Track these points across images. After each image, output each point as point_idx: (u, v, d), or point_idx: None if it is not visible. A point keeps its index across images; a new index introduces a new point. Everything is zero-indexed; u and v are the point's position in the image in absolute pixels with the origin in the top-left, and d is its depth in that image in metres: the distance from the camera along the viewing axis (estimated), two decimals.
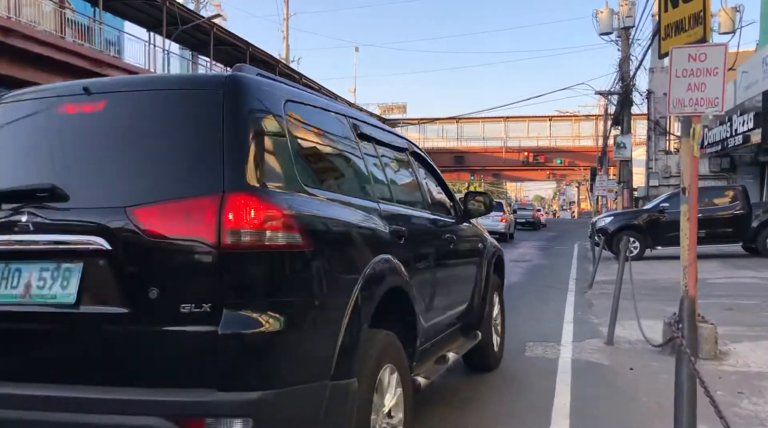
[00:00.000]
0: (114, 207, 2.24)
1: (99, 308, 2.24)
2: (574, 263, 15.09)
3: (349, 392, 2.41)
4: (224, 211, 2.13)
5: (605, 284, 10.80)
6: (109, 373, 2.22)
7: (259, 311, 2.14)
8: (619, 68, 23.95)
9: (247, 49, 29.87)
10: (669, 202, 15.39)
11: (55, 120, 2.55)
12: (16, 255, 2.33)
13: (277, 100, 2.57)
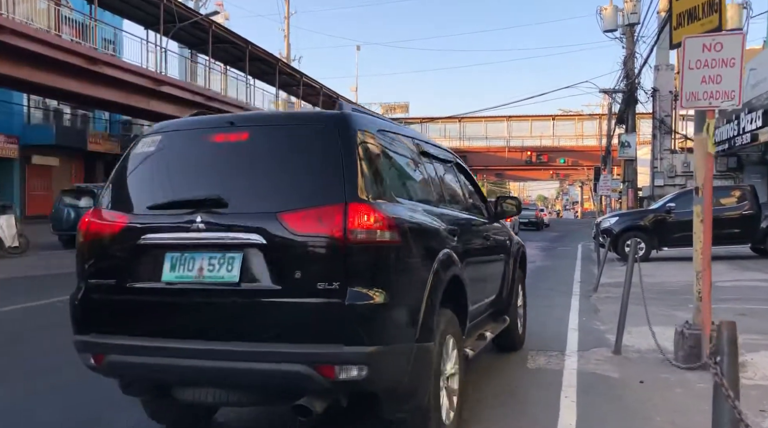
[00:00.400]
0: (266, 212, 3.00)
1: (256, 285, 2.98)
2: (578, 265, 14.72)
3: (428, 352, 3.20)
4: (347, 216, 2.88)
5: (611, 287, 10.44)
6: (264, 333, 2.96)
7: (371, 288, 2.89)
8: (623, 66, 23.56)
9: (246, 47, 29.55)
10: (676, 202, 15.00)
11: (209, 146, 3.31)
12: (191, 248, 3.08)
13: (372, 130, 3.38)
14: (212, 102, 26.37)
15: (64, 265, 14.18)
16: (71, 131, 28.84)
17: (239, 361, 2.94)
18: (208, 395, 3.17)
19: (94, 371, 3.29)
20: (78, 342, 3.24)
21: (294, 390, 2.95)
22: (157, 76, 22.66)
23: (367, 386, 2.96)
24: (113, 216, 3.28)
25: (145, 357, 3.10)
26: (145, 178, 3.43)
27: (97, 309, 3.25)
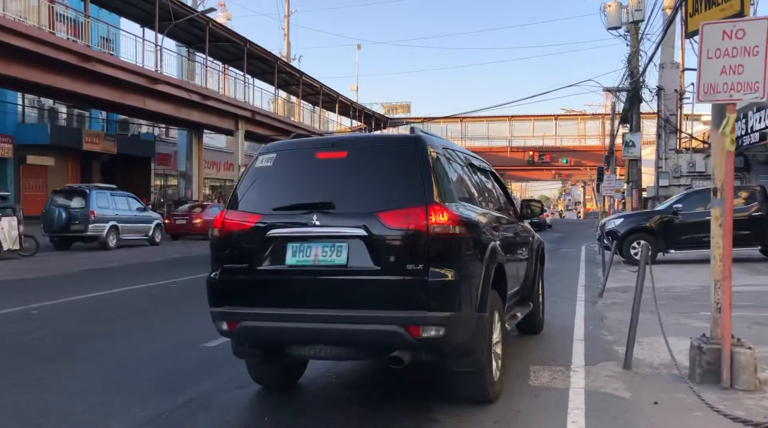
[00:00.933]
0: (367, 212, 3.90)
1: (360, 266, 3.86)
2: (582, 268, 14.25)
3: (484, 320, 4.11)
4: (428, 214, 3.80)
5: (617, 292, 9.98)
6: (366, 302, 3.83)
7: (445, 268, 3.80)
8: (627, 64, 23.07)
9: (244, 45, 29.14)
10: (683, 203, 14.53)
11: (316, 162, 4.25)
12: (308, 239, 3.99)
13: (438, 148, 4.32)
14: (209, 101, 25.96)
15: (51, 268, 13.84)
16: (66, 130, 28.42)
17: (347, 324, 3.89)
18: (321, 351, 4.13)
19: (225, 336, 4.29)
20: (214, 312, 4.18)
21: (388, 345, 3.89)
22: (153, 74, 22.23)
23: (441, 343, 3.85)
24: (244, 216, 4.23)
25: (272, 323, 4.05)
26: (267, 186, 4.34)
27: (231, 286, 4.16)
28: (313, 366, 5.22)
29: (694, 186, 23.43)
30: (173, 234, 24.41)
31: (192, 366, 5.47)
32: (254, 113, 29.77)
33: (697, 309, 8.21)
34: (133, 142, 32.68)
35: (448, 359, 4.06)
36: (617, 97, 24.46)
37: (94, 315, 8.07)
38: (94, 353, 6.02)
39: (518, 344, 6.27)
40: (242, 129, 29.70)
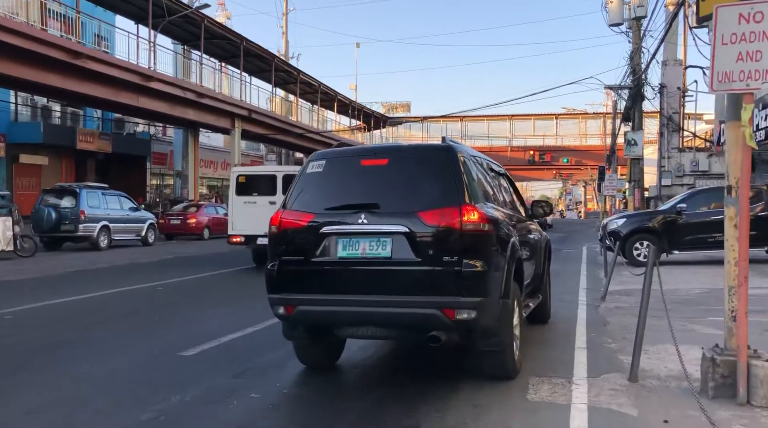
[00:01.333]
0: (408, 211, 4.50)
1: (402, 258, 4.45)
2: (584, 269, 13.85)
3: (508, 305, 4.75)
4: (462, 213, 4.42)
5: (620, 295, 9.59)
6: (408, 289, 4.43)
7: (476, 260, 4.39)
8: (629, 61, 22.64)
9: (241, 43, 28.75)
10: (687, 202, 14.13)
11: (361, 168, 4.87)
12: (357, 235, 4.56)
13: (466, 155, 4.95)
14: (204, 99, 25.56)
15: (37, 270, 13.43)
16: (60, 129, 28.03)
17: (392, 308, 4.42)
18: (368, 331, 4.70)
19: (282, 319, 4.82)
20: (272, 298, 4.73)
21: (427, 326, 4.42)
22: (146, 72, 21.82)
23: (472, 325, 4.38)
24: (299, 215, 4.76)
25: (325, 307, 4.59)
26: (319, 189, 4.89)
27: (288, 276, 4.69)
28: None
29: (698, 185, 23.03)
30: (168, 234, 24.04)
31: (165, 378, 5.08)
32: (251, 111, 29.37)
33: (704, 314, 7.82)
34: (129, 141, 32.28)
35: (477, 339, 4.63)
36: (619, 95, 24.05)
37: (70, 321, 7.68)
38: (63, 362, 5.64)
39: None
40: (239, 127, 29.29)
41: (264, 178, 14.52)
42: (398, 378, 5.19)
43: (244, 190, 14.35)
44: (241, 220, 14.12)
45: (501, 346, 4.68)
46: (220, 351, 6.00)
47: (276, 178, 14.25)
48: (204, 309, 8.61)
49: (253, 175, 15.11)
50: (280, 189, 13.92)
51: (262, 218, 14.38)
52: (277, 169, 15.82)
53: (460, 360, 5.43)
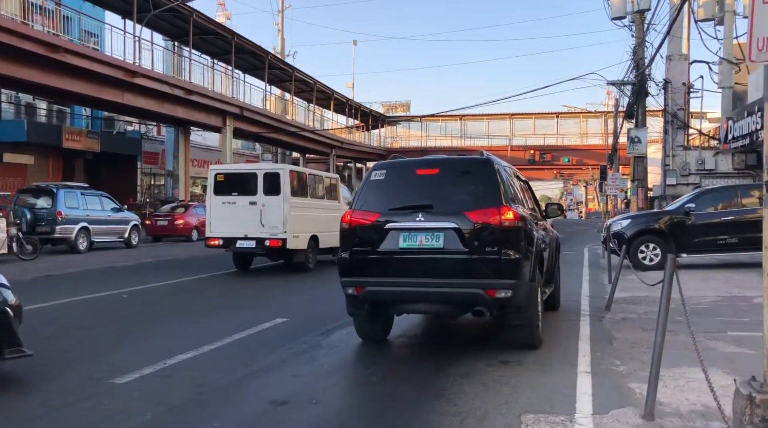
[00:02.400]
0: (457, 211, 5.62)
1: (453, 248, 5.55)
2: (586, 273, 13.00)
3: (535, 287, 5.93)
4: (500, 212, 5.53)
5: (626, 304, 8.74)
6: (457, 273, 5.57)
7: (512, 250, 5.50)
8: (633, 55, 21.80)
9: (232, 38, 27.93)
10: (696, 202, 13.27)
11: (416, 176, 6.04)
12: (415, 230, 5.64)
13: (500, 166, 6.11)
14: (192, 96, 24.74)
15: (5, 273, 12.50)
16: (45, 127, 27.16)
17: (444, 288, 5.59)
18: (423, 307, 5.94)
19: (351, 299, 5.91)
20: (345, 281, 5.83)
21: (473, 302, 5.70)
22: (131, 67, 20.98)
23: (508, 302, 5.54)
24: (367, 214, 5.82)
25: (388, 288, 5.75)
26: (382, 193, 5.94)
27: (358, 263, 5.78)
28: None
29: (704, 184, 22.20)
30: (155, 236, 23.21)
31: (86, 413, 4.24)
32: (242, 109, 28.53)
33: (723, 328, 6.97)
34: (119, 140, 31.44)
35: (510, 314, 5.69)
36: (621, 91, 23.21)
37: None
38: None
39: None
40: (230, 126, 28.46)
41: (244, 176, 13.58)
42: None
43: (223, 189, 13.40)
44: (220, 222, 13.23)
45: (529, 320, 5.76)
46: (161, 377, 5.14)
47: (257, 177, 13.29)
48: (164, 322, 7.77)
49: (233, 173, 14.08)
50: (262, 188, 13.07)
51: (242, 219, 13.14)
52: (258, 166, 14.84)
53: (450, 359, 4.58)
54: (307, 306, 9.17)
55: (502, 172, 5.96)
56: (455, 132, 56.68)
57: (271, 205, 12.81)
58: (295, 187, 13.40)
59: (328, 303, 8.81)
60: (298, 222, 13.06)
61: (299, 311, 8.53)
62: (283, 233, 12.78)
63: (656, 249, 13.28)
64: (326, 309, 8.48)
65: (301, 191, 13.73)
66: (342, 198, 16.72)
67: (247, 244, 12.85)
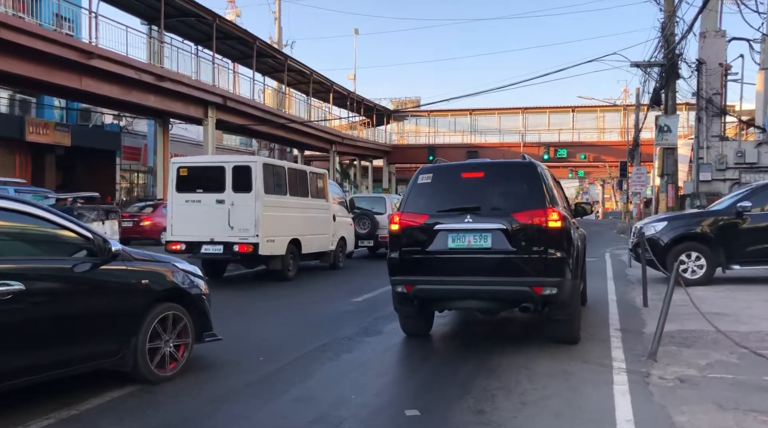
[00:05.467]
0: (504, 213, 5.96)
1: (501, 248, 5.86)
2: (612, 291, 10.23)
3: (577, 284, 6.31)
4: (547, 213, 5.85)
5: (676, 346, 5.99)
6: (506, 272, 5.89)
7: (557, 250, 5.82)
8: (661, 32, 18.93)
9: (213, 21, 25.37)
10: (752, 199, 10.44)
11: (462, 179, 6.38)
12: (463, 231, 5.97)
13: (542, 169, 6.34)
14: (165, 82, 22.18)
15: None
16: (5, 119, 24.74)
17: (493, 286, 5.94)
18: (471, 304, 6.26)
19: (399, 296, 6.29)
20: (395, 279, 6.20)
21: (520, 299, 6.08)
22: (85, 47, 18.45)
23: (554, 299, 5.85)
24: (415, 216, 6.21)
25: (438, 286, 6.13)
26: (429, 195, 6.33)
27: (407, 262, 6.16)
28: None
29: (743, 180, 19.28)
30: (121, 238, 20.68)
31: None
32: (226, 99, 25.92)
33: None
34: (95, 134, 29.00)
35: (554, 310, 6.06)
36: (647, 74, 20.33)
37: None
38: None
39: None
40: (212, 117, 25.88)
41: (210, 170, 11.75)
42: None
43: (187, 185, 11.60)
44: (183, 223, 11.48)
45: (571, 315, 6.11)
46: None
47: (224, 171, 11.40)
48: None
49: (198, 166, 12.13)
50: (230, 184, 11.25)
51: (207, 220, 10.55)
52: (226, 159, 12.61)
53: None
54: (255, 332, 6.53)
55: (544, 174, 6.24)
56: (465, 127, 53.92)
57: (240, 204, 11.17)
58: (271, 183, 11.66)
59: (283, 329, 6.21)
60: (274, 224, 11.54)
61: (236, 343, 5.90)
62: (254, 237, 11.11)
63: (700, 258, 10.49)
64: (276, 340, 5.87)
65: (277, 188, 11.96)
66: (331, 196, 14.43)
67: (214, 249, 11.22)
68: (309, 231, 13.00)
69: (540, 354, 5.92)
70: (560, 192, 7.27)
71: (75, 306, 4.39)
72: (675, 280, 5.83)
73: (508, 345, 6.32)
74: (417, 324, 6.76)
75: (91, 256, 4.54)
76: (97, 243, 4.54)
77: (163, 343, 4.96)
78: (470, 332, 7.42)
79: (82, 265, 4.46)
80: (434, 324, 7.07)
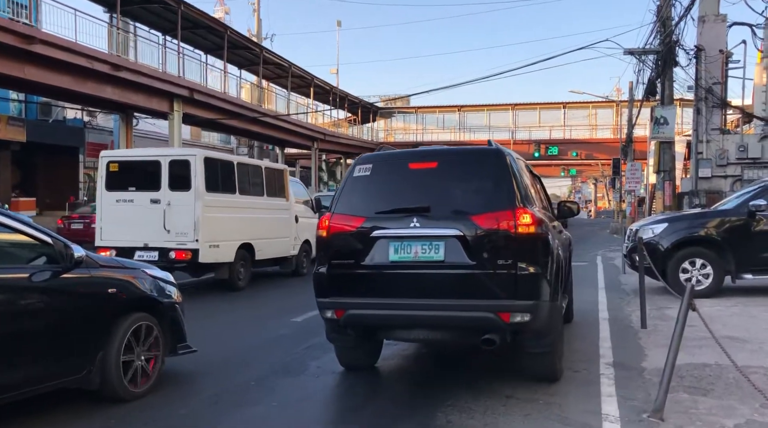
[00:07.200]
0: (461, 215, 4.57)
1: (457, 261, 4.47)
2: (603, 304, 8.66)
3: (557, 307, 4.83)
4: (516, 215, 4.45)
5: (688, 392, 4.43)
6: (462, 292, 4.49)
7: (530, 263, 4.42)
8: (656, 15, 17.43)
9: (178, 7, 23.68)
10: (766, 197, 8.93)
11: (410, 171, 4.90)
12: (409, 238, 4.59)
13: (512, 158, 4.95)
14: (122, 72, 20.48)
15: None
16: None
17: (446, 311, 4.51)
18: (420, 334, 4.84)
19: (330, 323, 4.87)
20: (322, 302, 4.78)
21: (482, 329, 4.50)
22: (25, 31, 16.75)
23: (526, 327, 4.45)
24: (349, 219, 4.77)
25: (377, 311, 4.66)
26: (367, 192, 4.90)
27: (338, 279, 4.74)
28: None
29: (745, 176, 17.81)
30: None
31: None
32: (193, 91, 24.23)
33: None
34: (56, 129, 27.30)
35: (529, 341, 4.65)
36: (642, 62, 18.80)
37: None
38: None
39: None
40: (179, 111, 24.19)
41: (144, 165, 10.48)
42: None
43: (118, 182, 10.31)
44: (113, 226, 10.19)
45: (550, 347, 4.71)
46: None
47: (160, 166, 10.09)
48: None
49: (130, 160, 10.76)
50: (167, 181, 9.96)
51: (141, 223, 10.29)
52: (162, 152, 11.29)
53: None
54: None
55: (515, 165, 4.87)
56: (453, 124, 52.40)
57: (178, 204, 9.90)
58: (215, 180, 10.33)
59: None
60: (219, 227, 10.27)
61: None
62: (193, 241, 9.82)
63: (706, 266, 8.99)
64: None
65: (224, 185, 10.60)
66: (293, 195, 12.97)
67: (148, 256, 9.81)
68: (265, 235, 11.69)
69: (509, 409, 4.32)
70: (538, 188, 5.95)
71: (32, 320, 3.98)
72: (687, 305, 4.23)
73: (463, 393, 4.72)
74: (357, 355, 5.30)
75: (51, 263, 4.13)
76: (57, 249, 4.12)
77: (136, 357, 4.61)
78: (426, 364, 5.83)
79: (41, 274, 4.05)
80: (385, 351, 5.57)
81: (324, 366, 5.50)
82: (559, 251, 5.16)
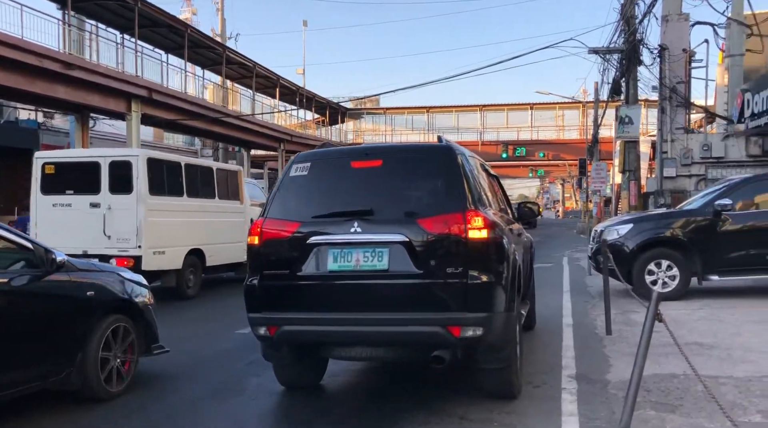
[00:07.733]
0: (407, 218, 4.14)
1: (402, 270, 4.05)
2: (568, 309, 8.34)
3: (513, 318, 4.37)
4: (466, 220, 4.05)
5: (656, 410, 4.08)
6: (408, 304, 4.07)
7: (483, 271, 4.03)
8: (620, 13, 17.32)
9: (135, 4, 22.90)
10: (732, 196, 8.72)
11: (351, 171, 4.44)
12: (349, 245, 4.14)
13: (465, 156, 4.56)
14: (74, 71, 19.65)
15: None
16: None
17: (389, 326, 4.10)
18: (363, 352, 4.37)
19: (263, 341, 4.39)
20: (253, 318, 4.28)
21: (430, 345, 4.07)
22: None
23: (478, 342, 4.06)
24: (283, 224, 4.31)
25: (313, 327, 4.20)
26: (304, 194, 4.46)
27: (271, 292, 4.27)
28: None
29: (709, 175, 17.80)
30: None
31: None
32: (152, 91, 23.45)
33: None
34: (8, 131, 26.19)
35: (481, 356, 4.25)
36: (607, 61, 18.68)
37: None
38: None
39: None
40: (137, 111, 23.37)
41: (83, 166, 9.95)
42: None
43: (54, 185, 9.81)
44: (50, 232, 9.46)
45: (506, 362, 4.33)
46: None
47: (99, 168, 9.61)
48: None
49: (68, 162, 10.24)
50: (107, 184, 9.51)
51: (79, 228, 9.77)
52: (102, 153, 10.73)
53: None
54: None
55: (466, 163, 4.47)
56: (422, 125, 52.24)
57: (119, 208, 9.45)
58: (160, 182, 9.87)
59: None
60: (164, 232, 9.87)
61: None
62: (136, 248, 9.37)
63: (672, 267, 8.74)
64: None
65: (170, 188, 10.16)
66: (248, 197, 12.53)
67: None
68: (216, 240, 11.24)
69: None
70: (495, 188, 5.62)
71: (13, 324, 4.05)
72: (654, 316, 3.86)
73: (417, 413, 4.30)
74: (298, 373, 4.85)
75: (32, 267, 4.22)
76: (38, 254, 4.22)
77: (113, 357, 4.69)
78: (376, 380, 5.40)
79: (21, 278, 4.12)
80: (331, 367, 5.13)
81: (264, 384, 5.04)
82: (516, 256, 4.75)
